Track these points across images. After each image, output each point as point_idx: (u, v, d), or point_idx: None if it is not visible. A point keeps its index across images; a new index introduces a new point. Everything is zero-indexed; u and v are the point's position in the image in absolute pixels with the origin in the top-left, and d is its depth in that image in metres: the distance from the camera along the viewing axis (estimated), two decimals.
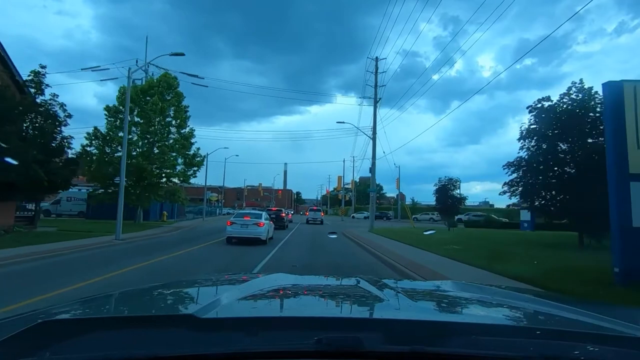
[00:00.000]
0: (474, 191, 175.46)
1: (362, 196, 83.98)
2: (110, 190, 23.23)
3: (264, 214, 18.73)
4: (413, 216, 58.73)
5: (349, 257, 13.54)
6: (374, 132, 27.92)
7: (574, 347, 0.84)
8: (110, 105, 23.59)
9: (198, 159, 26.37)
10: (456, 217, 43.16)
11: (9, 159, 12.88)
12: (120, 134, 21.80)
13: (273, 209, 32.69)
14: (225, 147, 39.97)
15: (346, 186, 61.89)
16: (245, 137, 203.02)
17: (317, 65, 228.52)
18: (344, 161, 60.23)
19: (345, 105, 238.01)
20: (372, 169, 28.11)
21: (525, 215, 29.38)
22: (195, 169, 26.09)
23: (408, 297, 1.44)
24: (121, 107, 22.63)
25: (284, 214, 31.17)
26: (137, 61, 27.61)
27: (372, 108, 28.10)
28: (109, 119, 23.27)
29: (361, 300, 1.47)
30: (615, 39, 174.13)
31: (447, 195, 26.61)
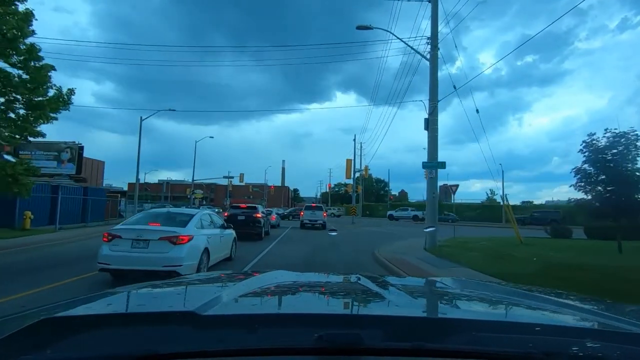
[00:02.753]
0: (474, 189, 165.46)
1: (367, 193, 70.97)
2: None
3: (199, 215, 8.41)
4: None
5: None
6: (434, 44, 13.61)
7: (573, 343, 0.83)
8: None
9: (63, 98, 11.82)
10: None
11: None
12: None
13: (242, 205, 18.63)
14: (172, 109, 25.27)
15: (349, 180, 46.64)
16: (245, 132, 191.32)
17: (317, 62, 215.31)
18: (354, 139, 42.93)
19: (345, 105, 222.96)
20: (431, 120, 13.69)
21: None
22: (49, 113, 11.47)
23: (408, 294, 1.42)
24: None
25: (259, 215, 17.13)
26: None
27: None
28: None
29: (362, 297, 1.42)
30: (618, 36, 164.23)
31: (616, 174, 11.29)
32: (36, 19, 11.40)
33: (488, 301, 1.42)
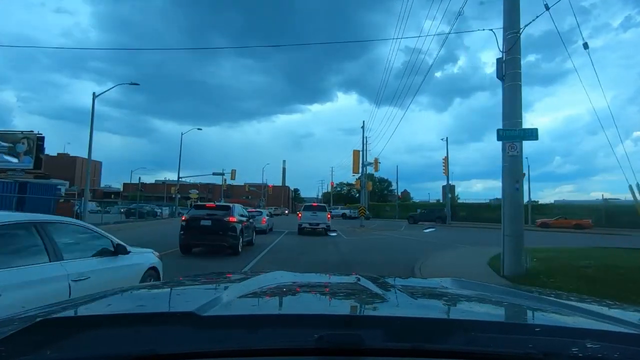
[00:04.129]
0: (475, 189, 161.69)
1: (371, 192, 65.90)
2: None
3: None
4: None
5: None
6: None
7: (573, 343, 0.82)
8: None
9: None
10: None
11: None
12: None
13: (209, 205, 13.45)
14: (134, 83, 19.96)
15: (355, 175, 40.68)
16: (246, 133, 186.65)
17: (318, 62, 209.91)
18: (362, 126, 33.82)
19: (346, 105, 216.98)
20: (509, 61, 8.34)
21: None
22: None
23: (408, 295, 1.41)
24: None
25: (234, 218, 11.90)
26: None
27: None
28: None
29: (361, 298, 1.43)
30: (621, 34, 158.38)
31: None
32: None
33: (488, 302, 1.42)
